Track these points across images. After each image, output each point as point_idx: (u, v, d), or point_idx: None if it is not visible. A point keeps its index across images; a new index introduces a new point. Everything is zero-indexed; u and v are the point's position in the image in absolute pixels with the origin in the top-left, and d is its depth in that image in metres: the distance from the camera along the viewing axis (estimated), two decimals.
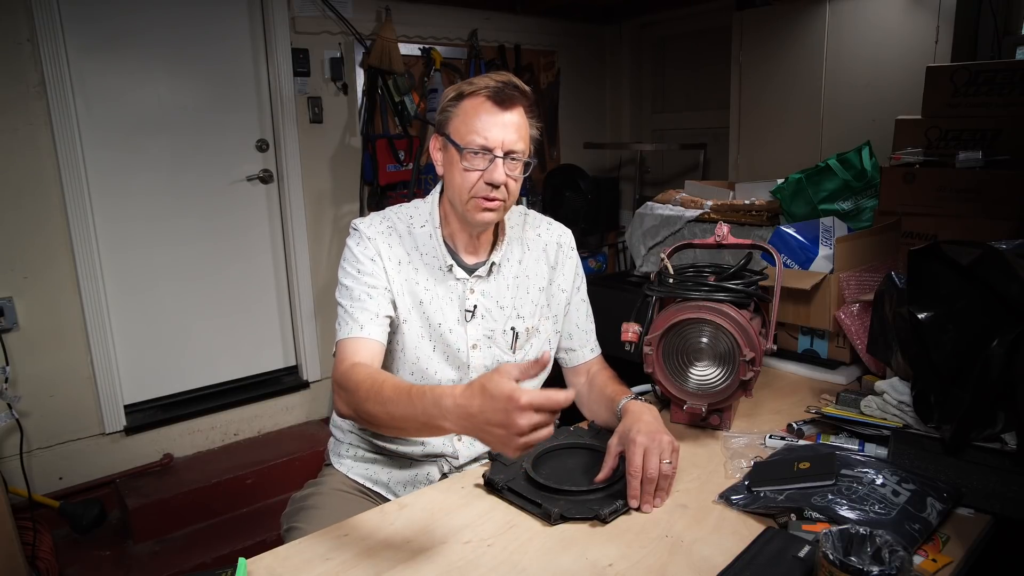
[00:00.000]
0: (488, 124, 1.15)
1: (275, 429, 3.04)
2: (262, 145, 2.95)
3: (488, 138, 1.14)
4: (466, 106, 1.17)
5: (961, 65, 1.95)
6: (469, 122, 1.16)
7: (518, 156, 1.17)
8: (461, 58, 3.45)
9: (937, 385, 1.12)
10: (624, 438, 1.09)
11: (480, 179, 1.16)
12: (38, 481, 2.44)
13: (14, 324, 2.36)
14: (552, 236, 1.37)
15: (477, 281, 1.27)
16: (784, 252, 1.67)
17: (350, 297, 1.20)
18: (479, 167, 1.16)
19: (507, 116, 1.16)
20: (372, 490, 1.32)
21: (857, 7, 2.68)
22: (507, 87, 1.15)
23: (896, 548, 0.77)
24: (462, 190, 1.18)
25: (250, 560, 0.92)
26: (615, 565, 0.91)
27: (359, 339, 1.16)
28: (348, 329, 1.17)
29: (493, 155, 1.15)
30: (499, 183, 1.16)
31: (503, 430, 0.82)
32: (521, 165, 1.19)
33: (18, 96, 2.32)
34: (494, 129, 1.15)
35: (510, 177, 1.17)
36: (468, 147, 1.15)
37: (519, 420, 0.80)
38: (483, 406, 0.83)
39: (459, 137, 1.16)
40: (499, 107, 1.15)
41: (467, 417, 0.85)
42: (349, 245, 1.24)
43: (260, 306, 3.05)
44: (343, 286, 1.22)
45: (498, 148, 1.15)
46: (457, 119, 1.18)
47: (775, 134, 3.03)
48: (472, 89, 1.17)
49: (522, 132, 1.18)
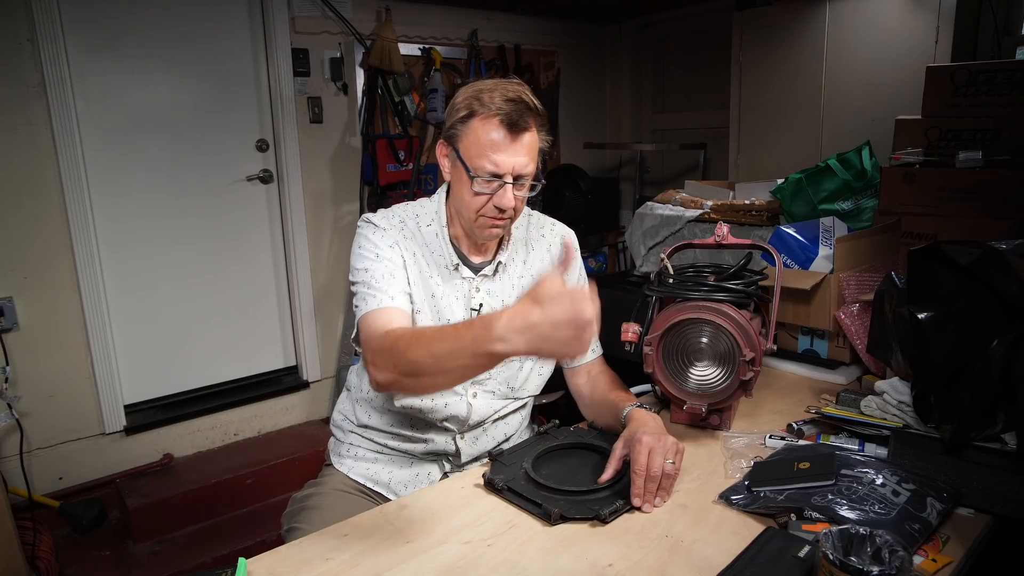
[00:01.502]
0: (500, 150, 1.12)
1: (275, 429, 3.04)
2: (262, 145, 2.95)
3: (499, 164, 1.13)
4: (477, 127, 1.13)
5: (961, 65, 1.95)
6: (480, 146, 1.13)
7: (526, 180, 1.17)
8: (461, 58, 3.45)
9: (937, 385, 1.12)
10: (629, 441, 1.09)
11: (489, 202, 1.16)
12: (38, 481, 2.43)
13: (14, 324, 2.36)
14: (556, 236, 1.38)
15: (483, 280, 1.27)
16: (784, 252, 1.67)
17: (372, 275, 1.17)
18: (487, 191, 1.15)
19: (519, 142, 1.14)
20: (372, 490, 1.32)
21: (857, 7, 2.68)
22: (521, 109, 1.12)
23: (896, 548, 0.77)
24: (470, 210, 1.17)
25: (250, 560, 0.92)
26: (615, 565, 0.91)
27: (388, 309, 1.13)
28: (376, 301, 1.14)
29: (503, 181, 1.14)
30: (507, 208, 1.15)
31: (572, 327, 0.81)
32: (528, 185, 1.19)
33: (18, 96, 2.32)
34: (505, 155, 1.13)
35: (517, 198, 1.17)
36: (478, 173, 1.14)
37: (587, 310, 0.80)
38: (545, 311, 0.81)
39: (469, 160, 1.15)
40: (511, 133, 1.13)
41: (527, 328, 0.83)
42: (365, 234, 1.22)
43: (260, 306, 3.05)
44: (361, 270, 1.18)
45: (508, 174, 1.14)
46: (468, 139, 1.15)
47: (775, 134, 3.03)
48: (484, 111, 1.13)
49: (532, 153, 1.17)
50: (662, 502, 1.05)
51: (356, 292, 1.18)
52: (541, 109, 1.17)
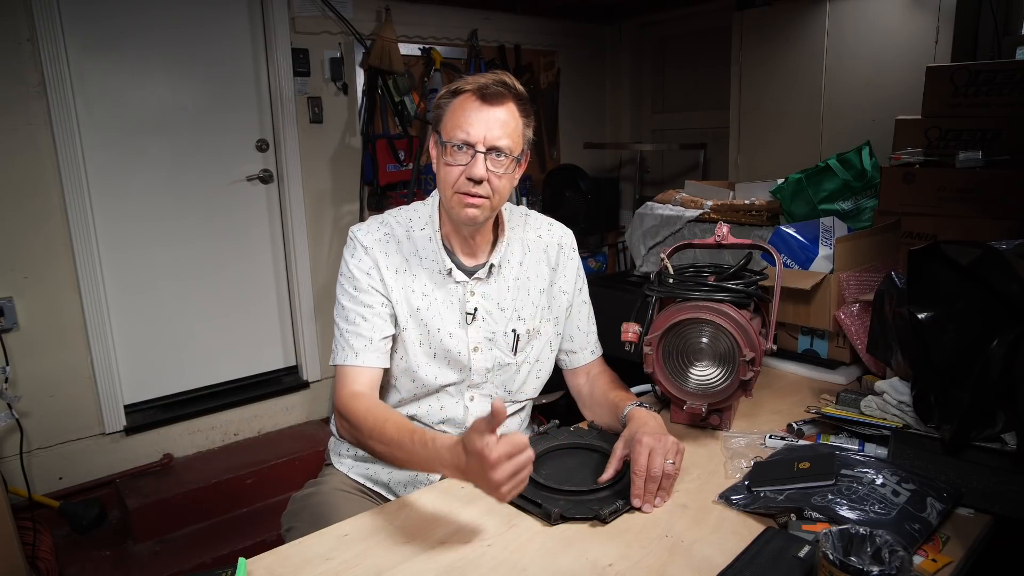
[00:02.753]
0: (472, 119, 1.15)
1: (275, 429, 3.04)
2: (262, 145, 2.95)
3: (470, 133, 1.14)
4: (455, 103, 1.18)
5: (961, 65, 1.95)
6: (455, 118, 1.17)
7: (503, 153, 1.16)
8: (461, 58, 3.45)
9: (937, 385, 1.12)
10: (629, 441, 1.09)
11: (462, 174, 1.16)
12: (38, 481, 2.44)
13: (14, 324, 2.36)
14: (553, 237, 1.36)
15: (477, 283, 1.26)
16: (784, 252, 1.67)
17: (345, 319, 1.22)
18: (461, 162, 1.16)
19: (493, 112, 1.15)
20: (372, 490, 1.32)
21: (857, 7, 2.68)
22: (495, 84, 1.16)
23: (896, 548, 0.77)
24: (446, 185, 1.18)
25: (250, 560, 0.92)
26: (615, 565, 0.91)
27: (355, 368, 1.20)
28: (344, 356, 1.21)
29: (475, 150, 1.15)
30: (479, 178, 1.15)
31: (486, 483, 0.92)
32: (507, 162, 1.17)
33: (18, 96, 2.32)
34: (477, 124, 1.15)
35: (492, 173, 1.16)
36: (450, 141, 1.16)
37: (494, 475, 0.90)
38: (468, 462, 0.93)
39: (445, 133, 1.18)
40: (484, 103, 1.16)
41: (460, 471, 0.96)
42: (345, 257, 1.25)
43: (260, 306, 3.05)
44: (340, 305, 1.24)
45: (480, 143, 1.14)
46: (447, 115, 1.19)
47: (775, 134, 3.03)
48: (463, 86, 1.18)
49: (508, 129, 1.16)
50: (662, 502, 1.05)
51: (335, 325, 1.25)
52: (521, 92, 1.19)
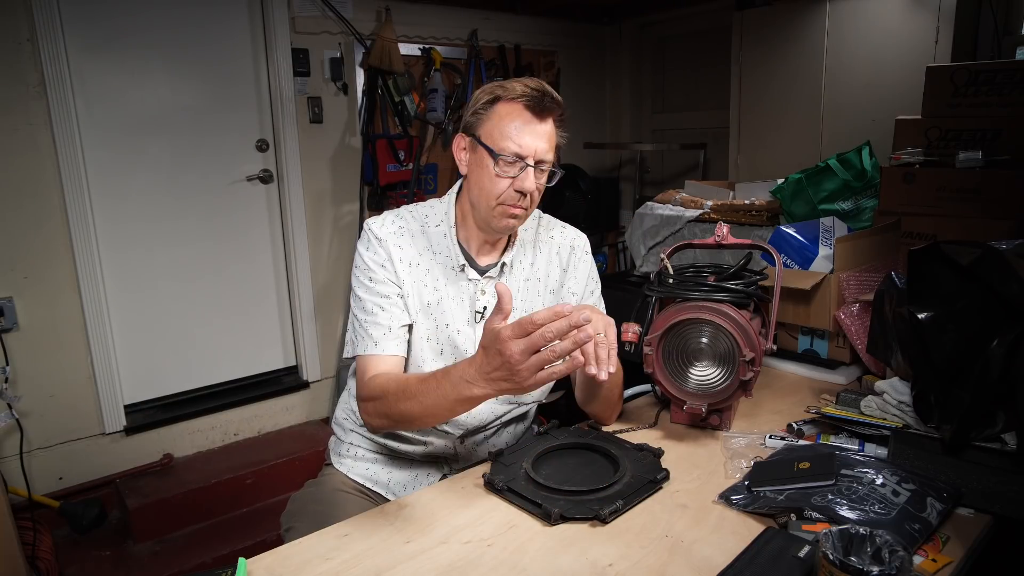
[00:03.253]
0: (524, 132, 1.15)
1: (275, 429, 3.04)
2: (262, 145, 2.95)
3: (523, 146, 1.15)
4: (501, 111, 1.16)
5: (961, 65, 1.95)
6: (504, 128, 1.15)
7: (546, 166, 1.19)
8: (461, 58, 3.45)
9: (937, 385, 1.12)
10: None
11: (510, 186, 1.16)
12: (38, 481, 2.43)
13: (14, 324, 2.36)
14: (566, 239, 1.37)
15: (488, 282, 1.27)
16: (784, 252, 1.67)
17: (363, 310, 1.21)
18: (510, 174, 1.16)
19: (542, 126, 1.17)
20: (372, 490, 1.32)
21: (857, 7, 2.68)
22: (544, 96, 1.16)
23: (896, 548, 0.77)
24: (490, 196, 1.18)
25: (250, 560, 0.92)
26: (615, 565, 0.91)
27: (375, 356, 1.18)
28: (364, 346, 1.19)
29: (525, 163, 1.15)
30: (529, 191, 1.16)
31: (506, 371, 0.89)
32: (547, 174, 1.20)
33: (18, 96, 2.32)
34: (529, 137, 1.15)
35: (538, 185, 1.18)
36: (502, 154, 1.15)
37: (509, 349, 0.87)
38: (485, 357, 0.92)
39: (492, 142, 1.16)
40: (535, 116, 1.16)
41: (485, 375, 0.93)
42: (359, 250, 1.24)
43: (260, 306, 3.05)
44: (356, 296, 1.23)
45: (531, 157, 1.15)
46: (490, 123, 1.17)
47: (775, 134, 3.03)
48: (508, 95, 1.16)
49: (552, 143, 1.19)
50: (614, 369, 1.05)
51: (352, 317, 1.24)
52: (561, 101, 1.20)
